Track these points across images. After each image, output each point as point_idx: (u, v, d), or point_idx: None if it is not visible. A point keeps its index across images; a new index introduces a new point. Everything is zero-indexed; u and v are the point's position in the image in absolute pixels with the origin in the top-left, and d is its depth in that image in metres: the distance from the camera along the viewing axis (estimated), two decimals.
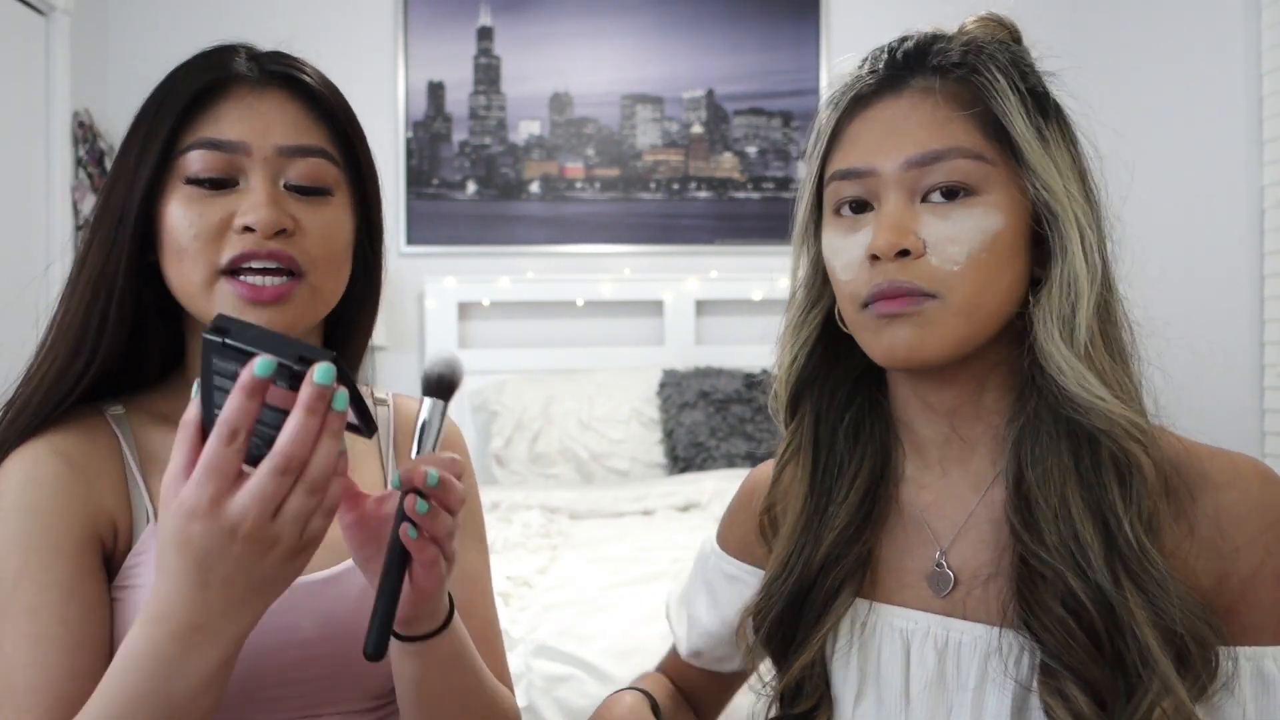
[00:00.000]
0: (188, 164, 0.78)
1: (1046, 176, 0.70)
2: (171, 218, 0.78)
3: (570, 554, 2.11)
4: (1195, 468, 0.69)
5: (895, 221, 0.70)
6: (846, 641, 0.77)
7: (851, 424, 0.80)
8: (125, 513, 0.78)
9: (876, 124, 0.73)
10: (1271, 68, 2.39)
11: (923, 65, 0.74)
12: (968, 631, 0.72)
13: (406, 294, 3.24)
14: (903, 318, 0.70)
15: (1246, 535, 0.67)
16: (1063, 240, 0.70)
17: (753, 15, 3.29)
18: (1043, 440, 0.71)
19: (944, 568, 0.75)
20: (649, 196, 3.31)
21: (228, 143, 0.78)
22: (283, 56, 0.87)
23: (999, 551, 0.72)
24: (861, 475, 0.79)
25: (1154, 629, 0.64)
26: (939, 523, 0.77)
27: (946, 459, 0.77)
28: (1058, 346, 0.69)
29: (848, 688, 0.77)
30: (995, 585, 0.72)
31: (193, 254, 0.77)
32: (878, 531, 0.79)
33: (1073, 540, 0.67)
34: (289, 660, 0.77)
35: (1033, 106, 0.72)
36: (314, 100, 0.84)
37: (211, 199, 0.78)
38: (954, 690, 0.72)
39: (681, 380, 2.94)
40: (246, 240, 0.77)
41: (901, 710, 0.74)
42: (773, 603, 0.80)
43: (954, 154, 0.70)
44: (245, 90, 0.81)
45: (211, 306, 0.77)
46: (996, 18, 0.78)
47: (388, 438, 0.93)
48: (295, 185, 0.80)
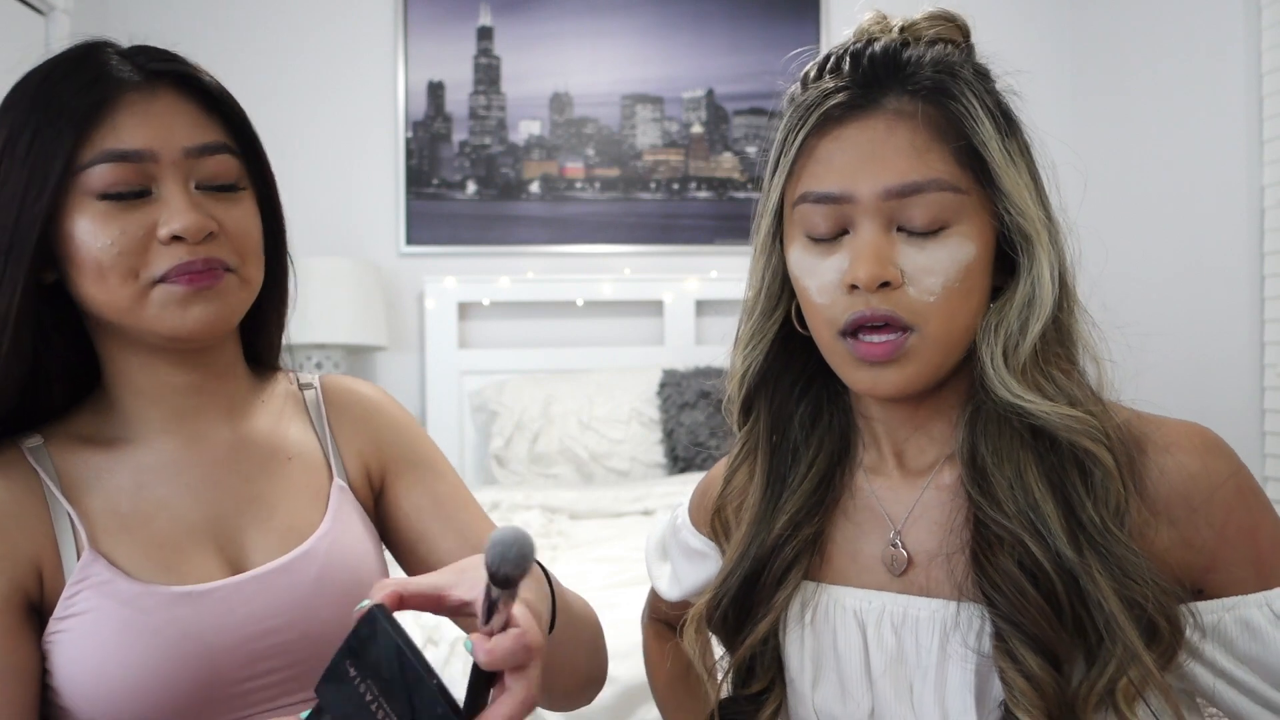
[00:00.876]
0: (92, 180, 0.75)
1: (1019, 200, 0.70)
2: (84, 237, 0.75)
3: (570, 554, 2.11)
4: (1143, 433, 0.70)
5: (875, 252, 0.69)
6: (798, 624, 0.78)
7: (808, 413, 0.81)
8: (51, 550, 0.76)
9: (851, 147, 0.71)
10: (1271, 68, 2.39)
11: (895, 82, 0.72)
12: (925, 607, 0.73)
13: (406, 294, 3.24)
14: (888, 364, 0.71)
15: (1201, 497, 0.68)
16: (1032, 262, 0.71)
17: (753, 15, 3.29)
18: (995, 424, 0.71)
19: (899, 547, 0.75)
20: (649, 196, 3.31)
21: (134, 152, 0.75)
22: (158, 53, 0.82)
23: (953, 530, 0.73)
24: (818, 463, 0.80)
25: (1119, 600, 0.65)
26: (893, 506, 0.77)
27: (905, 448, 0.78)
28: (998, 363, 0.70)
29: (804, 672, 0.77)
30: (952, 561, 0.72)
31: (120, 271, 0.75)
32: (832, 515, 0.80)
33: (1032, 510, 0.68)
34: (255, 652, 0.78)
35: (1003, 128, 0.72)
36: (205, 95, 0.81)
37: (127, 212, 0.75)
38: (915, 667, 0.72)
39: (681, 380, 2.94)
40: (177, 251, 0.76)
41: (865, 690, 0.74)
42: (726, 590, 0.80)
43: (933, 186, 0.69)
44: (135, 95, 0.77)
45: (148, 316, 0.77)
46: (948, 15, 0.77)
47: (320, 418, 0.92)
48: (206, 185, 0.79)
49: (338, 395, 0.95)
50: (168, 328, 0.78)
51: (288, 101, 3.15)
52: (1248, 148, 2.44)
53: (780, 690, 0.79)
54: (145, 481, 0.81)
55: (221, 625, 0.77)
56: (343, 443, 0.92)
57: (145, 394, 0.83)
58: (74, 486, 0.79)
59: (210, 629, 0.76)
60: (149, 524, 0.79)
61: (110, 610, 0.74)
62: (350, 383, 0.98)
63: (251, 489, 0.84)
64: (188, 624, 0.76)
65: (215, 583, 0.78)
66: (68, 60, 0.79)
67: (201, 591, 0.77)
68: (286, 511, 0.84)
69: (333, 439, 0.92)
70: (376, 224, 3.23)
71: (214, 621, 0.76)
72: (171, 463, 0.82)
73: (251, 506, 0.83)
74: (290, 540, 0.83)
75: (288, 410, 0.91)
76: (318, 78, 3.18)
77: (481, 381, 3.11)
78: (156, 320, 0.77)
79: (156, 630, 0.75)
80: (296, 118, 3.15)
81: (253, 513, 0.83)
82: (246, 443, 0.86)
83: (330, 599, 0.81)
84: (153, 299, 0.76)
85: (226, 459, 0.84)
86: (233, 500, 0.83)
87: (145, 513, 0.80)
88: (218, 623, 0.77)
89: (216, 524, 0.82)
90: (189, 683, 0.75)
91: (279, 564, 0.81)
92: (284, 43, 3.16)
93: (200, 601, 0.77)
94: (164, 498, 0.81)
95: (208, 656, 0.75)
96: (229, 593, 0.78)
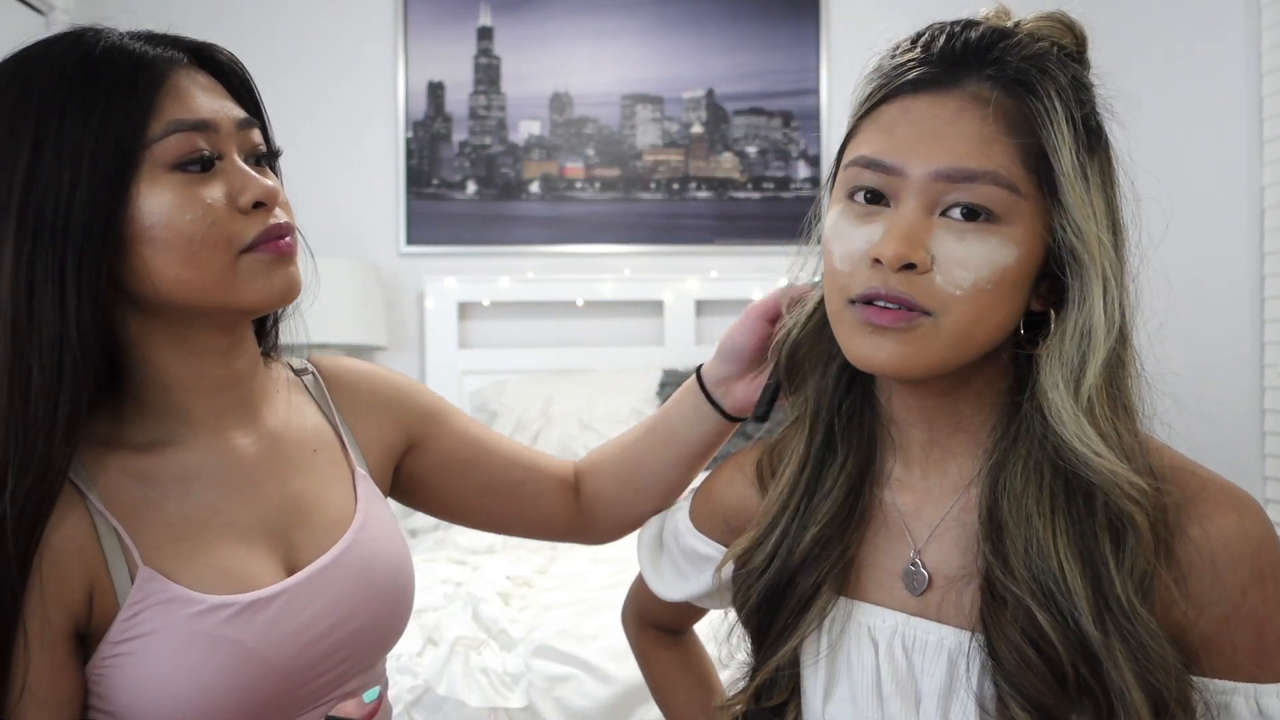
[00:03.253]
0: (167, 151, 0.72)
1: (1081, 221, 0.66)
2: (167, 212, 0.72)
3: (570, 554, 2.11)
4: (1185, 492, 0.67)
5: (908, 231, 0.66)
6: (815, 637, 0.77)
7: (846, 411, 0.79)
8: (102, 570, 0.71)
9: (916, 120, 0.68)
10: (1271, 68, 2.39)
11: (980, 65, 0.68)
12: (934, 632, 0.72)
13: (406, 294, 3.24)
14: (891, 332, 0.67)
15: (1222, 572, 0.65)
16: (1084, 289, 0.66)
17: (753, 15, 3.29)
18: (1024, 477, 0.68)
19: (919, 567, 0.74)
20: (649, 196, 3.30)
21: (201, 121, 0.74)
22: (170, 37, 0.80)
23: (972, 556, 0.71)
24: (848, 468, 0.78)
25: (1141, 688, 0.63)
26: (916, 524, 0.76)
27: (928, 461, 0.76)
28: (1062, 396, 0.66)
29: (817, 684, 0.77)
30: (969, 589, 0.71)
31: (211, 242, 0.73)
32: (860, 531, 0.78)
33: (1053, 581, 0.65)
34: (322, 650, 0.78)
35: (1083, 142, 0.67)
36: (225, 71, 0.81)
37: (204, 183, 0.74)
38: (923, 689, 0.72)
39: (681, 380, 2.93)
40: (261, 217, 0.76)
41: (876, 707, 0.73)
42: (756, 576, 0.79)
43: (988, 179, 0.65)
44: (184, 70, 0.76)
45: (239, 289, 0.75)
46: (1065, 20, 0.72)
47: (327, 403, 0.92)
48: (249, 156, 0.79)
49: (338, 378, 0.94)
50: (259, 297, 0.76)
51: (288, 101, 3.15)
52: (1248, 148, 2.44)
53: (796, 704, 0.79)
54: (191, 488, 0.78)
55: (289, 630, 0.76)
56: (359, 430, 0.92)
57: (189, 389, 0.79)
58: (116, 499, 0.74)
59: (281, 635, 0.75)
60: (201, 532, 0.76)
61: (178, 628, 0.71)
62: (345, 364, 0.97)
63: (290, 485, 0.83)
64: (258, 633, 0.74)
65: (277, 586, 0.77)
66: (86, 41, 0.75)
67: (267, 597, 0.76)
68: (324, 505, 0.84)
69: (345, 426, 0.91)
70: (376, 224, 3.23)
71: (282, 627, 0.76)
72: (214, 464, 0.80)
73: (293, 503, 0.83)
74: (333, 533, 0.83)
75: (294, 398, 0.90)
76: (318, 77, 3.18)
77: (481, 381, 3.11)
78: (246, 291, 0.76)
79: (231, 644, 0.73)
80: (296, 118, 3.15)
81: (295, 509, 0.83)
82: (277, 438, 0.85)
83: (378, 588, 0.83)
84: (241, 269, 0.75)
85: (263, 456, 0.83)
86: (275, 498, 0.82)
87: (196, 520, 0.77)
88: (286, 628, 0.76)
89: (264, 524, 0.80)
90: (263, 691, 0.74)
91: (329, 559, 0.81)
92: (284, 42, 3.16)
93: (267, 609, 0.75)
94: (212, 502, 0.78)
95: (280, 663, 0.74)
96: (292, 595, 0.77)
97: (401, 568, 0.87)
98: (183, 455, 0.79)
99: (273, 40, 3.15)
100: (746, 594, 0.80)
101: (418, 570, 2.24)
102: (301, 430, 0.88)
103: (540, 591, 1.87)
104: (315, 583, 0.79)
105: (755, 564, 0.79)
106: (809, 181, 3.30)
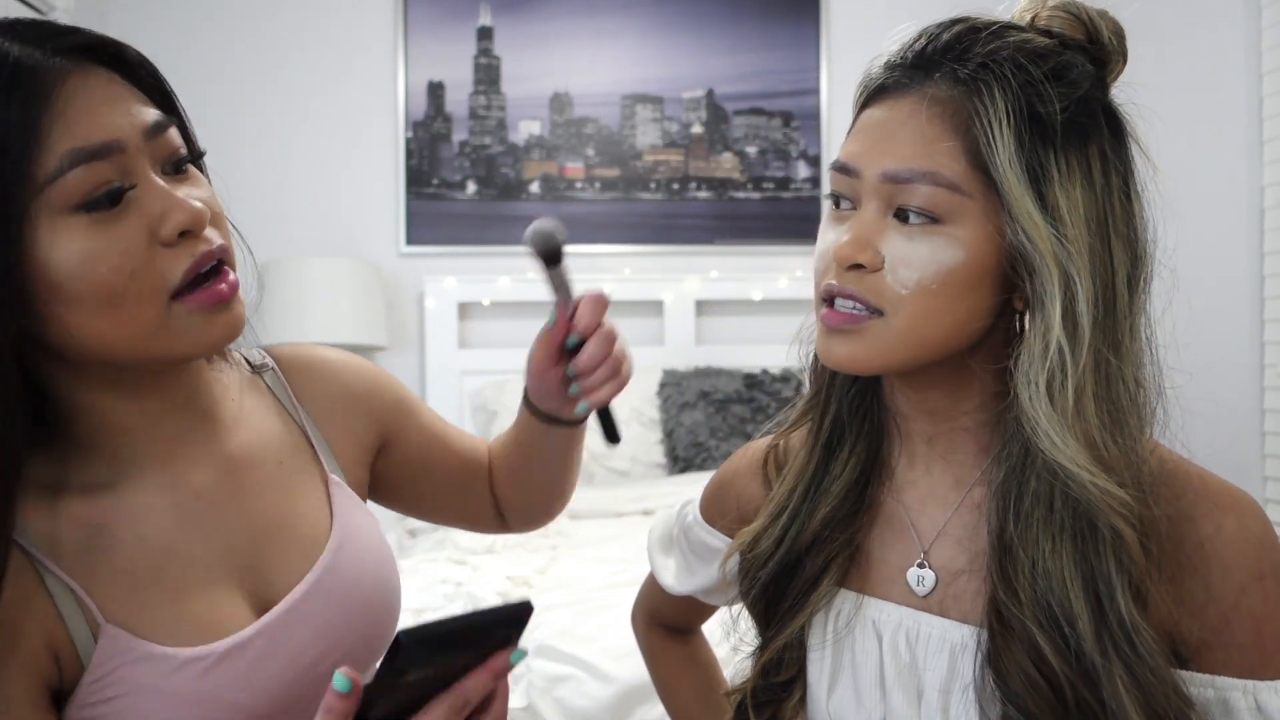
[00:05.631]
0: (66, 191, 0.60)
1: (1024, 221, 0.64)
2: (75, 263, 0.61)
3: (570, 554, 2.11)
4: (1180, 491, 0.68)
5: (859, 233, 0.68)
6: (821, 628, 0.78)
7: (856, 399, 0.80)
8: (61, 631, 0.65)
9: (876, 124, 0.70)
10: (1271, 68, 2.39)
11: (945, 66, 0.68)
12: (937, 627, 0.73)
13: (406, 294, 3.24)
14: (842, 333, 0.70)
15: (1221, 571, 0.66)
16: (1039, 293, 0.65)
17: (753, 15, 3.29)
18: (1030, 495, 0.68)
19: (925, 565, 0.75)
20: (649, 196, 3.31)
21: (101, 146, 0.61)
22: (58, 28, 0.65)
23: (976, 553, 0.72)
24: (857, 453, 0.79)
25: (1138, 707, 0.63)
26: (922, 521, 0.77)
27: (931, 456, 0.77)
28: (1034, 400, 0.65)
29: (822, 676, 0.78)
30: (972, 585, 0.72)
31: (135, 294, 0.63)
32: (867, 523, 0.79)
33: (1058, 606, 0.65)
34: (307, 683, 0.73)
35: (1035, 139, 0.65)
36: (126, 65, 0.67)
37: (117, 220, 0.62)
38: (925, 682, 0.73)
39: (681, 380, 2.94)
40: (188, 248, 0.65)
41: (879, 700, 0.74)
42: (762, 561, 0.80)
43: (927, 179, 0.66)
44: (72, 81, 0.62)
45: (175, 341, 0.66)
46: (1074, 10, 0.71)
47: (290, 400, 0.84)
48: (169, 166, 0.67)
49: (301, 371, 0.86)
50: (198, 349, 0.68)
51: (287, 101, 3.15)
52: (1248, 148, 2.44)
53: (802, 683, 0.79)
54: (144, 530, 0.70)
55: (272, 670, 0.71)
56: (329, 430, 0.84)
57: (130, 429, 0.71)
58: (64, 553, 0.66)
59: (264, 679, 0.70)
60: (160, 578, 0.69)
61: (152, 691, 0.66)
62: (308, 354, 0.88)
63: (254, 510, 0.76)
64: (238, 682, 0.69)
65: (251, 629, 0.71)
66: None
67: (242, 642, 0.70)
68: (295, 525, 0.77)
69: (314, 426, 0.84)
70: (376, 224, 3.23)
71: (264, 670, 0.70)
72: (167, 502, 0.72)
73: (260, 529, 0.76)
74: (309, 554, 0.76)
75: (251, 403, 0.81)
76: (318, 77, 3.18)
77: (481, 381, 3.11)
78: (183, 343, 0.67)
79: (212, 701, 0.67)
80: (296, 117, 3.15)
81: (263, 535, 0.76)
82: (234, 457, 0.77)
83: (362, 607, 0.78)
84: (174, 320, 0.65)
85: (221, 483, 0.75)
86: (240, 527, 0.75)
87: (153, 565, 0.69)
88: (268, 669, 0.71)
89: (231, 558, 0.73)
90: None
91: (306, 588, 0.74)
92: (284, 42, 3.16)
93: (244, 654, 0.70)
94: (169, 544, 0.71)
95: (266, 708, 0.70)
96: (270, 635, 0.71)
97: (386, 578, 0.81)
98: (132, 496, 0.71)
99: (273, 40, 3.15)
100: (754, 578, 0.81)
101: (418, 570, 2.23)
102: (262, 442, 0.79)
103: (540, 591, 1.87)
104: (293, 616, 0.73)
105: (762, 549, 0.80)
106: (809, 181, 3.30)
